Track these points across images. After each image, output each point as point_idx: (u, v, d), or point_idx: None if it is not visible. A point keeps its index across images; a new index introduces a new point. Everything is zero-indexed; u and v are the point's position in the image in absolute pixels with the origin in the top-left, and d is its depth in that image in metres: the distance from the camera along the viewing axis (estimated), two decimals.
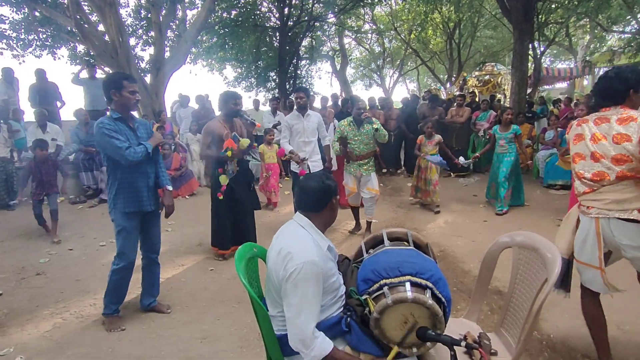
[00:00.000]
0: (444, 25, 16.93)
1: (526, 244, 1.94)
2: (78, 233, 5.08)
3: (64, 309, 3.23)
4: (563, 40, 17.24)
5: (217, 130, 3.94)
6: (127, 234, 2.86)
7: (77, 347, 2.70)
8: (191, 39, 9.77)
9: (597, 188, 2.13)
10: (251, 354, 2.58)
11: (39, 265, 4.12)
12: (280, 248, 1.59)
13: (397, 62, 21.99)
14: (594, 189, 2.14)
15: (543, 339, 2.69)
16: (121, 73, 3.03)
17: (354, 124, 4.60)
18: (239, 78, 16.52)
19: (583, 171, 2.21)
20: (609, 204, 2.08)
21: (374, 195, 4.75)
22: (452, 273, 3.77)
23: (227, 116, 3.99)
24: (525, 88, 9.32)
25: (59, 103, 7.83)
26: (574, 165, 2.29)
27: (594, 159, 2.15)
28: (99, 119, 2.84)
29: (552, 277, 1.62)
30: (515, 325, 1.88)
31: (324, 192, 1.68)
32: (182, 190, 6.88)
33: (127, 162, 2.75)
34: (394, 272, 1.57)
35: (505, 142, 5.70)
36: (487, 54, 19.87)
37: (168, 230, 4.99)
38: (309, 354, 1.50)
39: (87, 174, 6.69)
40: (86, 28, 8.53)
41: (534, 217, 5.48)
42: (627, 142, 2.03)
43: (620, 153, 2.05)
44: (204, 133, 4.05)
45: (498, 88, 12.69)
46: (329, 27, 17.63)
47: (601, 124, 2.17)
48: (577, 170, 2.25)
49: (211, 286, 3.61)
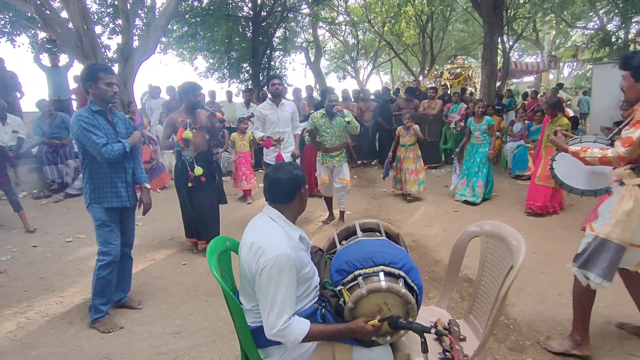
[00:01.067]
0: (416, 18, 17.10)
1: (493, 232, 2.00)
2: (42, 229, 4.88)
3: (28, 307, 3.11)
4: (530, 35, 17.77)
5: (179, 122, 3.82)
6: (108, 228, 2.79)
7: (43, 346, 2.61)
8: (161, 27, 9.46)
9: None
10: (225, 347, 2.56)
11: (0, 263, 3.94)
12: (252, 242, 1.58)
13: (371, 55, 22.08)
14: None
15: (510, 323, 2.80)
16: (98, 64, 2.89)
17: (327, 116, 4.61)
18: (211, 69, 16.17)
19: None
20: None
21: (346, 185, 4.81)
22: (424, 262, 3.86)
23: (188, 108, 3.89)
24: (495, 81, 9.57)
25: (19, 94, 7.46)
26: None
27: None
28: (78, 110, 2.74)
29: (517, 264, 1.68)
30: (483, 311, 1.94)
31: (293, 183, 1.67)
32: (154, 183, 6.71)
33: (102, 160, 2.68)
34: (368, 262, 1.59)
35: (480, 133, 5.85)
36: (459, 47, 20.26)
37: (139, 224, 4.86)
38: (287, 340, 1.51)
39: (51, 167, 6.43)
40: (48, 14, 8.11)
41: (502, 206, 5.66)
42: None
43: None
44: (165, 124, 3.93)
45: (469, 81, 12.97)
46: (302, 18, 17.47)
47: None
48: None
49: (184, 280, 3.55)
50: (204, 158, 3.95)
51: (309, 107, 8.06)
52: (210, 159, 4.11)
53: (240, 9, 14.59)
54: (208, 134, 4.06)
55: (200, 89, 4.00)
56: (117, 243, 2.84)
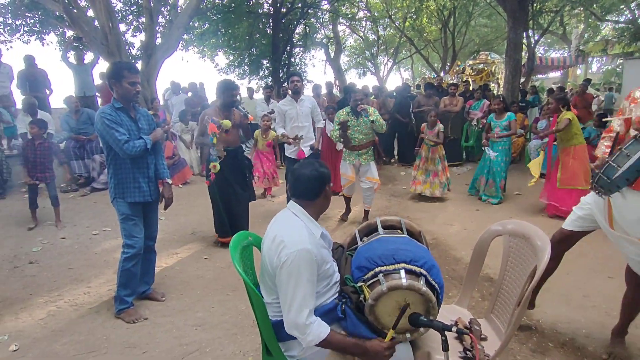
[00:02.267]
0: (438, 13, 16.84)
1: (517, 231, 1.97)
2: (70, 222, 5.05)
3: (58, 297, 3.23)
4: (557, 29, 17.26)
5: (206, 120, 3.93)
6: (132, 221, 2.88)
7: (72, 334, 2.71)
8: (183, 25, 9.61)
9: None
10: (246, 340, 2.60)
11: (32, 253, 4.10)
12: (274, 236, 1.60)
13: (392, 50, 21.85)
14: None
15: (532, 324, 2.75)
16: (124, 63, 2.96)
17: (352, 114, 4.59)
18: (232, 65, 16.33)
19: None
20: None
21: (374, 184, 4.78)
22: (444, 261, 3.82)
23: (224, 106, 3.96)
24: (519, 77, 9.34)
25: (48, 90, 7.71)
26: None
27: None
28: (101, 107, 2.83)
29: (541, 264, 1.66)
30: (505, 311, 1.92)
31: (318, 180, 1.69)
32: (176, 179, 6.85)
33: (124, 156, 2.75)
34: (389, 259, 1.59)
35: (501, 129, 5.73)
36: (482, 43, 19.86)
37: (161, 219, 4.95)
38: (305, 339, 1.53)
39: (78, 162, 6.63)
40: (75, 13, 8.35)
41: (525, 205, 5.54)
42: None
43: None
44: (200, 121, 4.04)
45: (492, 77, 12.69)
46: (323, 14, 17.43)
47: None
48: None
49: (206, 274, 3.63)
50: (234, 155, 4.05)
51: (329, 103, 8.05)
52: (242, 156, 4.20)
53: (260, 5, 14.65)
54: (241, 131, 4.16)
55: (238, 89, 4.08)
56: (140, 236, 2.92)
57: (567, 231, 2.45)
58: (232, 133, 4.01)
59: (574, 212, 2.47)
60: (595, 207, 2.29)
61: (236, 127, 4.04)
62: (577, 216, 2.42)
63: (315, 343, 1.53)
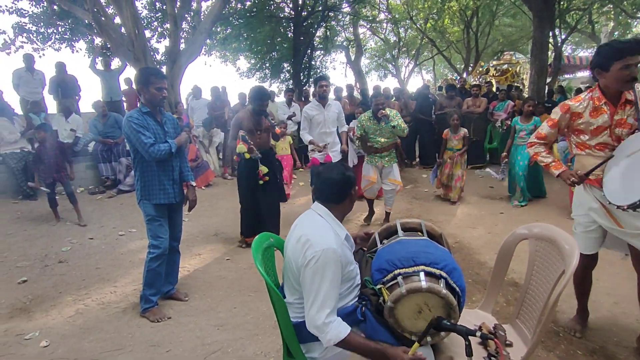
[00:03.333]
0: (461, 13, 16.58)
1: (544, 235, 1.91)
2: (97, 223, 5.21)
3: (86, 295, 3.33)
4: (585, 28, 16.70)
5: (246, 122, 4.06)
6: (158, 222, 2.95)
7: (99, 332, 2.79)
8: (206, 30, 9.78)
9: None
10: (267, 341, 2.62)
11: (61, 253, 4.24)
12: (300, 235, 1.61)
13: (413, 52, 21.64)
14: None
15: (560, 331, 2.67)
16: (151, 69, 3.05)
17: (374, 118, 4.58)
18: (253, 69, 16.52)
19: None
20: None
21: (396, 186, 4.77)
22: (467, 264, 3.75)
23: (255, 112, 4.08)
24: (545, 77, 9.10)
25: (76, 96, 7.97)
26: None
27: None
28: (129, 112, 2.92)
29: (569, 269, 1.61)
30: (531, 317, 1.87)
31: (345, 184, 1.70)
32: (199, 181, 6.96)
33: (150, 159, 2.83)
34: (408, 262, 1.58)
35: (526, 133, 5.59)
36: (506, 43, 19.42)
37: (185, 220, 5.03)
38: (324, 337, 1.53)
39: (105, 165, 6.84)
40: (103, 21, 8.63)
41: (552, 209, 5.39)
42: None
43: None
44: (233, 124, 4.17)
45: (516, 77, 12.42)
46: (343, 17, 17.42)
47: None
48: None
49: (228, 275, 3.67)
50: (266, 157, 4.16)
51: (349, 106, 8.05)
52: (272, 158, 4.32)
53: (282, 9, 14.79)
54: (271, 135, 4.32)
55: (269, 98, 4.21)
56: (166, 237, 2.98)
57: (588, 255, 2.45)
58: (263, 136, 4.16)
59: (578, 234, 2.46)
60: (595, 215, 2.33)
61: (267, 131, 4.19)
62: (584, 235, 2.43)
63: (334, 342, 1.52)
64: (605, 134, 2.24)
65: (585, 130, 2.31)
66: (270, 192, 4.21)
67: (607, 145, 2.25)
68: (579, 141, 2.36)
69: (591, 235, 2.41)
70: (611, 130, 2.23)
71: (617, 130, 2.21)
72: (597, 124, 2.25)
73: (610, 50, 2.14)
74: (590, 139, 2.30)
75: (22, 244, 4.49)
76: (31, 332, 2.78)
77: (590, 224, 2.38)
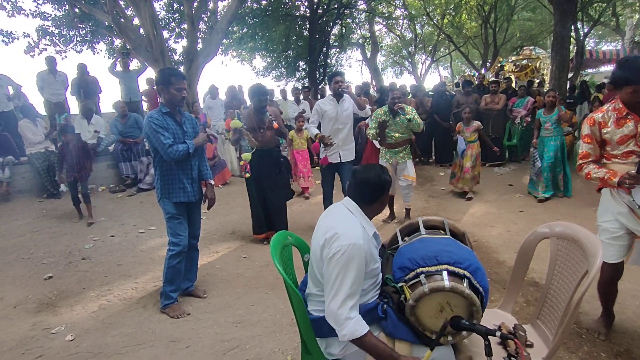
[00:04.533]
0: (478, 8, 16.31)
1: (566, 234, 1.88)
2: (118, 221, 5.33)
3: (108, 291, 3.42)
4: (609, 21, 16.21)
5: (248, 121, 4.14)
6: (177, 220, 3.00)
7: (121, 327, 2.86)
8: (222, 30, 9.88)
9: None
10: (284, 338, 2.64)
11: (84, 250, 4.36)
12: (328, 228, 1.62)
13: (430, 49, 21.43)
14: None
15: (582, 332, 2.61)
16: (171, 69, 3.10)
17: (390, 113, 4.56)
18: (269, 68, 16.61)
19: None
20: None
21: (411, 182, 4.76)
22: (486, 263, 3.70)
23: (256, 109, 4.14)
24: (566, 72, 8.89)
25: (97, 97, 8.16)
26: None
27: None
28: (149, 112, 2.98)
29: (593, 269, 1.57)
30: (553, 317, 1.84)
31: (380, 186, 1.70)
32: (216, 179, 7.04)
33: (168, 158, 2.88)
34: (431, 260, 1.57)
35: (551, 124, 5.50)
36: (525, 38, 19.03)
37: (203, 219, 5.10)
38: (340, 331, 1.53)
39: (125, 164, 6.98)
40: (122, 22, 8.80)
41: (573, 207, 5.27)
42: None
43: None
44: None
45: (536, 73, 12.15)
46: (359, 14, 17.37)
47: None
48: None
49: (245, 273, 3.71)
50: (269, 155, 4.19)
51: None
52: (277, 155, 4.34)
53: (297, 8, 14.83)
54: (276, 132, 4.28)
55: (267, 94, 4.24)
56: (185, 234, 3.03)
57: (613, 264, 2.40)
58: (267, 134, 4.16)
59: (604, 242, 2.39)
60: (624, 220, 2.30)
61: (270, 128, 4.18)
62: (610, 243, 2.38)
63: (349, 339, 1.52)
64: (631, 142, 2.24)
65: (609, 141, 2.30)
66: (276, 189, 4.26)
67: (634, 153, 2.24)
68: (606, 152, 2.35)
69: (618, 242, 2.37)
70: (637, 139, 2.22)
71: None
72: (622, 134, 2.25)
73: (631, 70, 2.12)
74: (614, 148, 2.29)
75: (48, 241, 4.63)
76: (57, 327, 2.87)
77: (617, 230, 2.35)
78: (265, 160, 4.16)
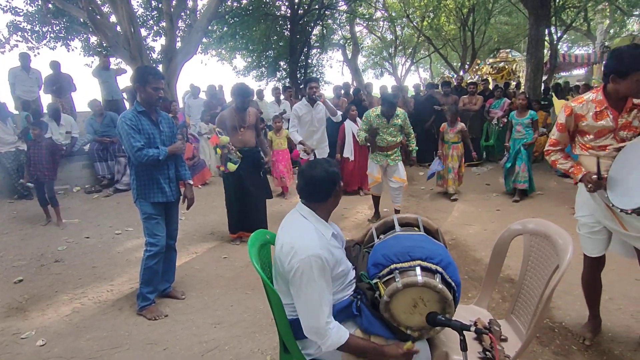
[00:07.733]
0: (457, 11, 16.63)
1: (538, 230, 1.93)
2: (94, 222, 5.19)
3: (82, 294, 3.33)
4: (581, 25, 16.79)
5: (229, 120, 4.13)
6: (155, 220, 2.95)
7: (96, 331, 2.79)
8: (202, 28, 9.77)
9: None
10: (264, 339, 2.62)
11: (57, 252, 4.23)
12: (283, 243, 1.59)
13: (410, 50, 21.68)
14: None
15: (555, 326, 2.68)
16: (149, 68, 3.03)
17: (383, 117, 4.59)
18: (249, 67, 16.49)
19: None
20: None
21: (402, 184, 4.80)
22: (463, 261, 3.77)
23: (238, 109, 4.14)
24: (541, 75, 9.13)
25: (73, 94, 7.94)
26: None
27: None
28: (124, 112, 2.91)
29: (563, 264, 1.62)
30: (526, 312, 1.88)
31: (329, 181, 1.66)
32: (195, 179, 6.95)
33: (135, 162, 2.82)
34: (404, 256, 1.57)
35: (522, 127, 5.64)
36: (502, 41, 19.49)
37: (181, 219, 5.03)
38: (325, 343, 1.52)
39: (101, 164, 6.81)
40: (98, 19, 8.60)
41: (548, 206, 5.41)
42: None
43: None
44: (216, 122, 4.23)
45: (513, 75, 12.45)
46: (340, 15, 17.43)
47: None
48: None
49: (224, 273, 3.67)
50: (250, 154, 4.19)
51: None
52: (258, 155, 4.34)
53: (278, 8, 14.77)
54: (256, 132, 4.30)
55: (250, 95, 4.25)
56: (163, 234, 2.98)
57: (594, 258, 2.44)
58: (247, 134, 4.16)
59: (583, 235, 2.44)
60: (600, 216, 2.30)
61: (251, 128, 4.20)
62: (589, 237, 2.40)
63: (335, 347, 1.52)
64: (609, 136, 2.21)
65: (589, 132, 2.27)
66: (255, 189, 4.25)
67: (610, 146, 2.22)
68: (583, 142, 2.31)
69: (597, 236, 2.36)
70: (615, 133, 2.19)
71: (622, 133, 2.18)
72: (600, 127, 2.21)
73: (633, 58, 2.03)
74: (593, 139, 2.26)
75: (19, 244, 4.48)
76: (27, 332, 2.77)
77: (595, 224, 2.34)
78: (246, 160, 4.15)
